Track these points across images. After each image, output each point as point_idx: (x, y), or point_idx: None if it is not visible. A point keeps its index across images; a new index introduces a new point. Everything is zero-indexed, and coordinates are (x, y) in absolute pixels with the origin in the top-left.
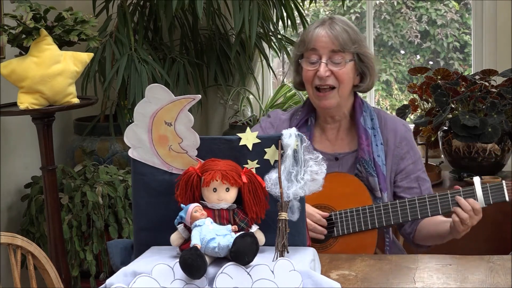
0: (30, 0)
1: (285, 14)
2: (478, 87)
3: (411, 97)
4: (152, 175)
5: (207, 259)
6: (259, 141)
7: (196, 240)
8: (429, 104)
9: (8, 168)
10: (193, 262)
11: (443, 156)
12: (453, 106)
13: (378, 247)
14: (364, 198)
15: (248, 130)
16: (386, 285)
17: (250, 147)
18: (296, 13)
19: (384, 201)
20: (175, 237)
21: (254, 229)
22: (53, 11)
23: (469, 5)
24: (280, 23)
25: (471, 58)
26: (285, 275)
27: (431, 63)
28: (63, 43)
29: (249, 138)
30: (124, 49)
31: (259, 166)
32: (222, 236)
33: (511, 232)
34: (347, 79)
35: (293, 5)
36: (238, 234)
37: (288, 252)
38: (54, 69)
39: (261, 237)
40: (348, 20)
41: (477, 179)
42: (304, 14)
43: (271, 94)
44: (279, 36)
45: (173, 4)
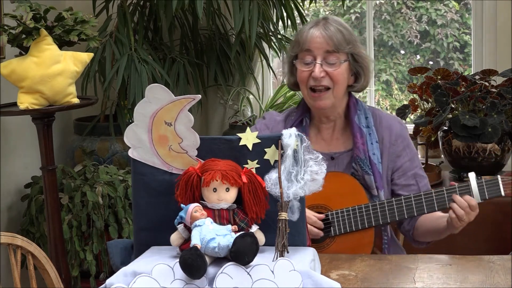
0: (30, 0)
1: (285, 14)
2: (478, 87)
3: (411, 97)
4: (152, 175)
5: (207, 259)
6: (259, 141)
7: (196, 240)
8: (429, 104)
9: (8, 168)
10: (193, 262)
11: (443, 156)
12: (453, 106)
13: (375, 245)
14: (360, 197)
15: (248, 130)
16: (386, 285)
17: (250, 147)
18: (296, 13)
19: (380, 199)
20: (175, 237)
21: (254, 229)
22: (53, 11)
23: (469, 5)
24: (280, 23)
25: (471, 58)
26: (285, 275)
27: (431, 63)
28: (63, 43)
29: (249, 138)
30: (124, 49)
31: (259, 166)
32: (222, 236)
33: (511, 232)
34: (341, 79)
35: (293, 5)
36: (238, 234)
37: (288, 252)
38: (54, 69)
39: (261, 237)
40: (342, 20)
41: (472, 175)
42: (304, 14)
43: (271, 94)
44: (279, 36)
45: (173, 4)
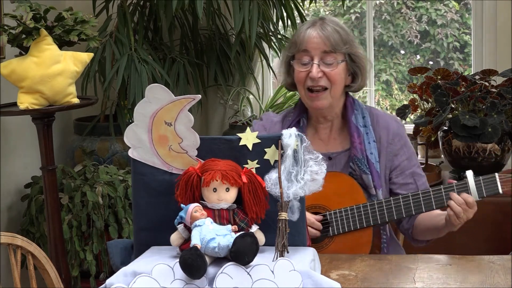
0: (30, 0)
1: (285, 14)
2: (478, 87)
3: (411, 97)
4: (152, 175)
5: (207, 259)
6: (259, 141)
7: (196, 240)
8: (429, 104)
9: (8, 168)
10: (193, 262)
11: (443, 156)
12: (453, 106)
13: (374, 244)
14: (358, 196)
15: (248, 130)
16: (386, 285)
17: (250, 147)
18: (296, 13)
19: (379, 199)
20: (175, 237)
21: (254, 229)
22: (53, 11)
23: (469, 5)
24: (280, 23)
25: (471, 58)
26: (285, 275)
27: (431, 63)
28: (63, 43)
29: (249, 138)
30: (124, 49)
31: (259, 166)
32: (222, 236)
33: (511, 232)
34: (339, 79)
35: (293, 5)
36: (238, 234)
37: (288, 252)
38: (54, 69)
39: (261, 237)
40: (338, 20)
41: (469, 173)
42: (304, 14)
43: (271, 94)
44: (279, 36)
45: (173, 4)
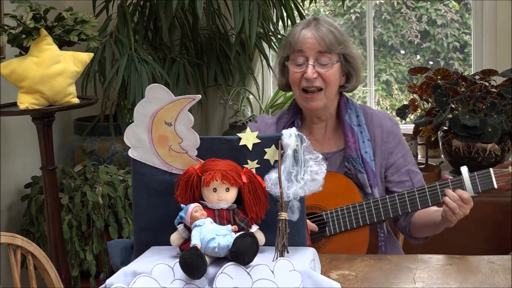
0: (30, 0)
1: (285, 14)
2: (478, 87)
3: (411, 97)
4: (152, 175)
5: (207, 259)
6: (259, 141)
7: (196, 240)
8: (429, 104)
9: (8, 168)
10: (193, 262)
11: (443, 156)
12: (453, 106)
13: (371, 243)
14: (353, 195)
15: (248, 130)
16: (386, 285)
17: (250, 147)
18: (296, 13)
19: (375, 197)
20: (175, 237)
21: (254, 229)
22: (53, 11)
23: (469, 5)
24: (280, 23)
25: (471, 58)
26: (285, 275)
27: (431, 63)
28: (63, 43)
29: (249, 138)
30: (124, 49)
31: (259, 166)
32: (222, 236)
33: (511, 232)
34: (334, 80)
35: (293, 5)
36: (238, 234)
37: (288, 252)
38: (54, 69)
39: (261, 237)
40: (332, 21)
41: (464, 169)
42: (304, 14)
43: (271, 94)
44: (279, 36)
45: (173, 4)
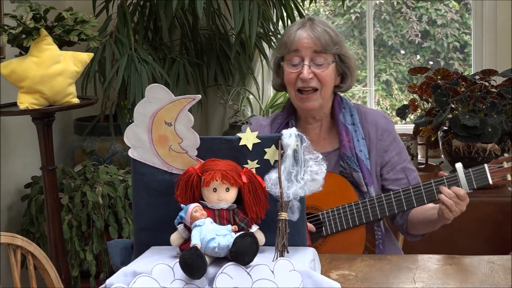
0: (30, 0)
1: (285, 14)
2: (478, 87)
3: (411, 97)
4: (152, 175)
5: (207, 259)
6: (259, 141)
7: (196, 240)
8: (429, 104)
9: (8, 168)
10: (193, 262)
11: (443, 156)
12: (453, 106)
13: (368, 241)
14: (349, 194)
15: (248, 130)
16: (386, 285)
17: (250, 147)
18: (296, 13)
19: (370, 196)
20: (175, 237)
21: (254, 229)
22: (53, 11)
23: (469, 5)
24: (280, 23)
25: (471, 58)
26: (285, 275)
27: (431, 63)
28: (63, 43)
29: (249, 138)
30: (124, 49)
31: (259, 166)
32: (222, 236)
33: (511, 232)
34: (329, 80)
35: (293, 5)
36: (238, 234)
37: (288, 252)
38: (54, 69)
39: (261, 237)
40: (327, 21)
41: (459, 166)
42: (304, 14)
43: (271, 94)
44: (279, 36)
45: (173, 4)
